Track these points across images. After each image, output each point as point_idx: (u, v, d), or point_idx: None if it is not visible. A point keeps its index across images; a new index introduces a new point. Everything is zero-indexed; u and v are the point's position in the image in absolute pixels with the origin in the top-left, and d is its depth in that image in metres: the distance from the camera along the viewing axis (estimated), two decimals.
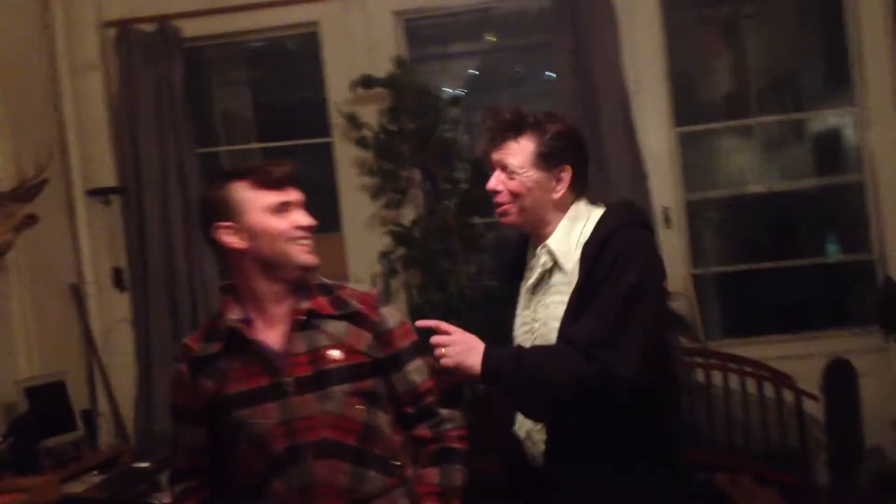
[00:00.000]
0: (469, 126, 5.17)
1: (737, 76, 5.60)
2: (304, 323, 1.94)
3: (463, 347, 1.97)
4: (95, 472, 4.12)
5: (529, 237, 2.20)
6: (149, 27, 5.05)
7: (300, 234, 1.94)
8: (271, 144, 5.52)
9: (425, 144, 4.79)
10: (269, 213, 1.93)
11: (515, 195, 2.09)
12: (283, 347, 1.94)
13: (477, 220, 4.86)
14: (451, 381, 2.06)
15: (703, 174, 5.24)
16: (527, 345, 2.08)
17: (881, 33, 4.68)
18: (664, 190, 4.80)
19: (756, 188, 5.15)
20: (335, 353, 1.94)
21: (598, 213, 2.14)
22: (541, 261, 2.10)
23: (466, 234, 4.79)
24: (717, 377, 4.46)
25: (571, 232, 2.09)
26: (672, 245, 4.73)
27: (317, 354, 1.94)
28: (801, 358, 4.50)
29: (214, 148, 5.53)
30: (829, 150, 5.19)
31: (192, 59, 5.28)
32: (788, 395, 4.36)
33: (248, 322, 1.95)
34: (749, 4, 5.52)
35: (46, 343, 4.40)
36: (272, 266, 1.93)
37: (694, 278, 4.86)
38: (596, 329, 1.91)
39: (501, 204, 2.13)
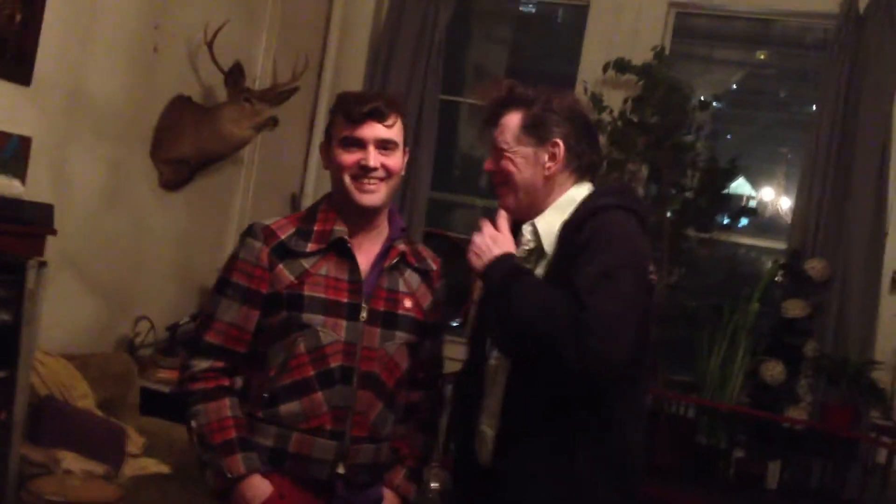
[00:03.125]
0: (713, 136, 4.99)
1: None
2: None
3: (487, 244, 1.89)
4: None
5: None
6: None
7: (360, 172, 1.95)
8: None
9: (663, 143, 4.64)
10: (340, 145, 1.97)
11: (507, 174, 1.95)
12: (372, 276, 2.00)
13: (692, 232, 4.67)
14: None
15: None
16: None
17: None
18: None
19: None
20: (408, 303, 2.03)
21: (583, 191, 1.96)
22: (524, 238, 1.94)
23: (677, 245, 4.62)
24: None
25: (563, 214, 1.91)
26: (892, 312, 4.34)
27: (394, 296, 2.01)
28: None
29: (456, 97, 5.62)
30: None
31: (460, 8, 5.36)
32: None
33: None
34: None
35: None
36: (341, 195, 1.99)
37: None
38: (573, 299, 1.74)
39: (497, 186, 1.99)
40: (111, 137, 3.80)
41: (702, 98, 4.93)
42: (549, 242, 1.91)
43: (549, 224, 1.92)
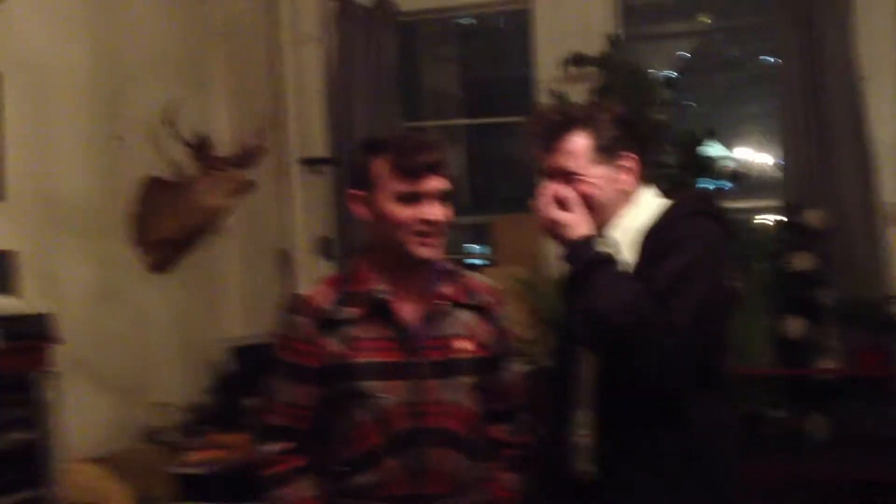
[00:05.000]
0: (681, 109, 4.99)
1: None
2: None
3: (574, 219, 1.87)
4: None
5: None
6: (367, 1, 5.16)
7: (424, 227, 1.88)
8: (475, 121, 5.55)
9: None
10: (397, 200, 1.88)
11: (588, 198, 1.92)
12: (420, 328, 1.93)
13: None
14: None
15: None
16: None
17: None
18: (894, 185, 4.41)
19: None
20: (466, 344, 1.95)
21: (662, 202, 1.97)
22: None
23: None
24: None
25: (634, 221, 1.92)
26: None
27: (448, 341, 1.94)
28: None
29: (421, 122, 5.61)
30: None
31: (405, 34, 5.36)
32: None
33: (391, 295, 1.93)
34: None
35: (254, 305, 4.62)
36: (390, 249, 1.91)
37: None
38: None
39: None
40: (92, 234, 3.78)
41: (662, 74, 4.95)
42: (626, 250, 1.90)
43: (624, 232, 1.93)
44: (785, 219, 4.42)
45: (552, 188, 1.92)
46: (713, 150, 4.92)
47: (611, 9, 4.96)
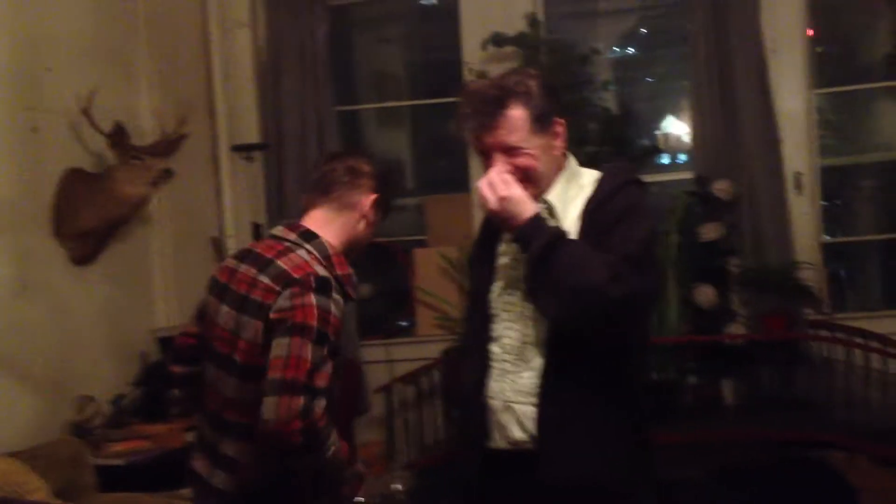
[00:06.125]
0: (626, 85, 5.13)
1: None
2: None
3: (515, 199, 1.89)
4: None
5: None
6: None
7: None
8: (409, 103, 5.61)
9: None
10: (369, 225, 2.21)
11: (531, 170, 1.93)
12: None
13: None
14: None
15: (856, 138, 4.94)
16: (513, 307, 2.00)
17: None
18: (798, 155, 4.53)
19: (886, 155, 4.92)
20: None
21: (590, 172, 2.02)
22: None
23: None
24: (840, 352, 4.24)
25: (569, 189, 1.97)
26: (802, 212, 4.49)
27: None
28: None
29: (355, 106, 5.67)
30: None
31: (342, 18, 5.39)
32: None
33: None
34: None
35: (185, 294, 4.60)
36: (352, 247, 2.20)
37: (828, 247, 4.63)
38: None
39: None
40: (10, 228, 3.78)
41: (585, 52, 5.01)
42: (563, 217, 1.94)
43: (558, 199, 1.97)
44: (695, 190, 4.53)
45: (494, 171, 1.92)
46: (633, 124, 5.03)
47: None
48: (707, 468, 3.82)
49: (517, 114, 1.92)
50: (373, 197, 2.15)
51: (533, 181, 1.93)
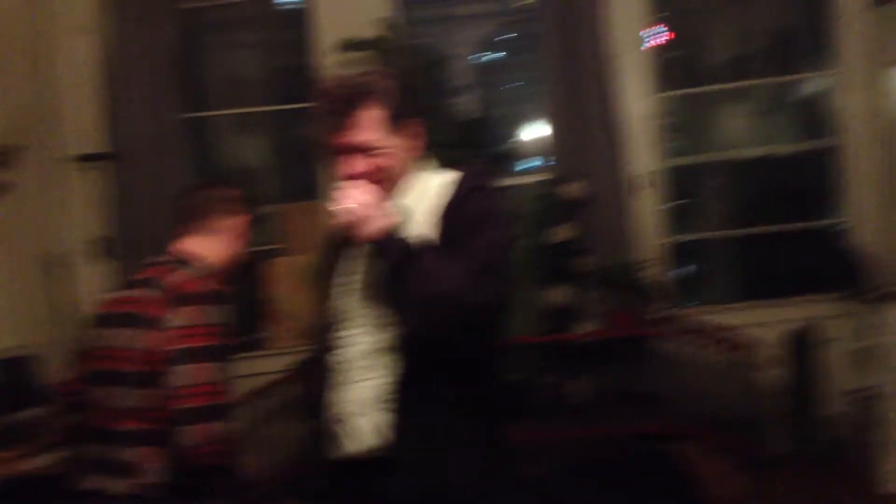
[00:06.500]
0: (486, 88, 5.15)
1: (736, 40, 5.47)
2: None
3: (371, 205, 1.85)
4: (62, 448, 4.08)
5: None
6: None
7: None
8: (265, 108, 5.53)
9: None
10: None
11: (387, 171, 1.92)
12: None
13: None
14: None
15: (699, 139, 5.16)
16: (364, 315, 1.97)
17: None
18: (644, 156, 4.70)
19: (732, 154, 5.16)
20: None
21: (447, 174, 2.00)
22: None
23: None
24: (681, 345, 4.43)
25: (426, 191, 1.95)
26: (649, 211, 4.65)
27: None
28: (767, 325, 4.47)
29: (206, 112, 5.53)
30: (813, 115, 5.11)
31: (193, 21, 5.25)
32: (752, 363, 4.29)
33: None
34: None
35: (21, 315, 4.38)
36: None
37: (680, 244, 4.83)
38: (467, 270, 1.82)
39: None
40: None
41: (443, 56, 5.05)
42: (419, 218, 1.90)
43: (417, 201, 1.93)
44: (549, 192, 4.63)
45: (349, 176, 1.88)
46: (490, 128, 5.10)
47: None
48: (559, 465, 3.90)
49: (373, 113, 1.90)
50: (245, 219, 2.44)
51: (388, 182, 1.92)
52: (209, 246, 2.34)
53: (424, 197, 1.95)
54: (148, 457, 2.11)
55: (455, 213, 1.89)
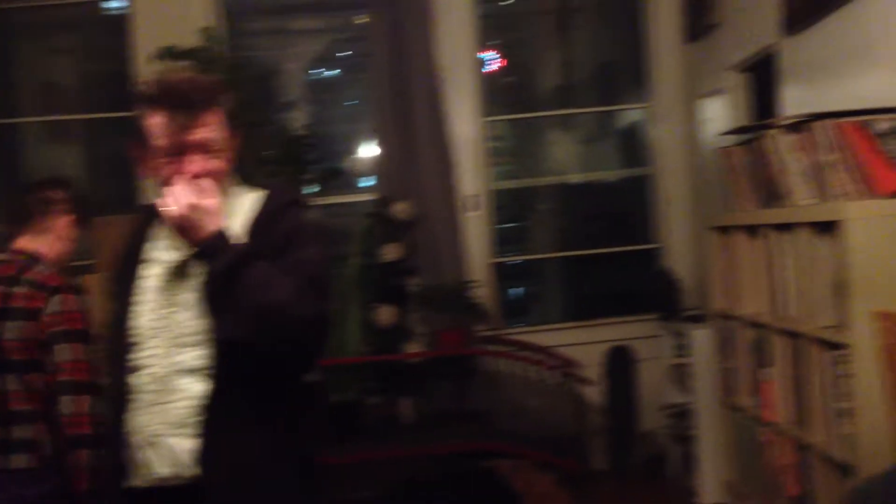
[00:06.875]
0: (319, 105, 5.14)
1: (563, 70, 5.69)
2: None
3: (207, 208, 1.74)
4: None
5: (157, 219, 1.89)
6: None
7: None
8: (80, 116, 5.28)
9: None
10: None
11: (221, 173, 1.80)
12: None
13: None
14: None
15: (527, 163, 5.32)
16: (164, 331, 1.84)
17: (672, 36, 4.89)
18: (472, 178, 4.79)
19: (559, 179, 5.33)
20: None
21: (252, 190, 1.91)
22: None
23: None
24: (507, 364, 4.49)
25: (233, 205, 1.85)
26: (476, 233, 4.73)
27: None
28: (589, 345, 4.61)
29: (15, 119, 5.22)
30: (633, 144, 5.35)
31: (2, 24, 4.94)
32: (573, 382, 4.44)
33: None
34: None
35: None
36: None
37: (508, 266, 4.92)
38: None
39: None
40: None
41: (268, 70, 4.97)
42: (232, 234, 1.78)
43: (230, 214, 1.82)
44: (377, 211, 4.62)
45: (187, 175, 1.75)
46: (317, 145, 5.03)
47: (210, 2, 4.89)
48: (386, 486, 3.86)
49: (218, 114, 1.80)
50: (69, 219, 2.56)
51: (219, 185, 1.80)
52: (39, 246, 2.50)
53: (233, 212, 1.85)
54: (43, 431, 2.37)
55: (264, 229, 1.82)
